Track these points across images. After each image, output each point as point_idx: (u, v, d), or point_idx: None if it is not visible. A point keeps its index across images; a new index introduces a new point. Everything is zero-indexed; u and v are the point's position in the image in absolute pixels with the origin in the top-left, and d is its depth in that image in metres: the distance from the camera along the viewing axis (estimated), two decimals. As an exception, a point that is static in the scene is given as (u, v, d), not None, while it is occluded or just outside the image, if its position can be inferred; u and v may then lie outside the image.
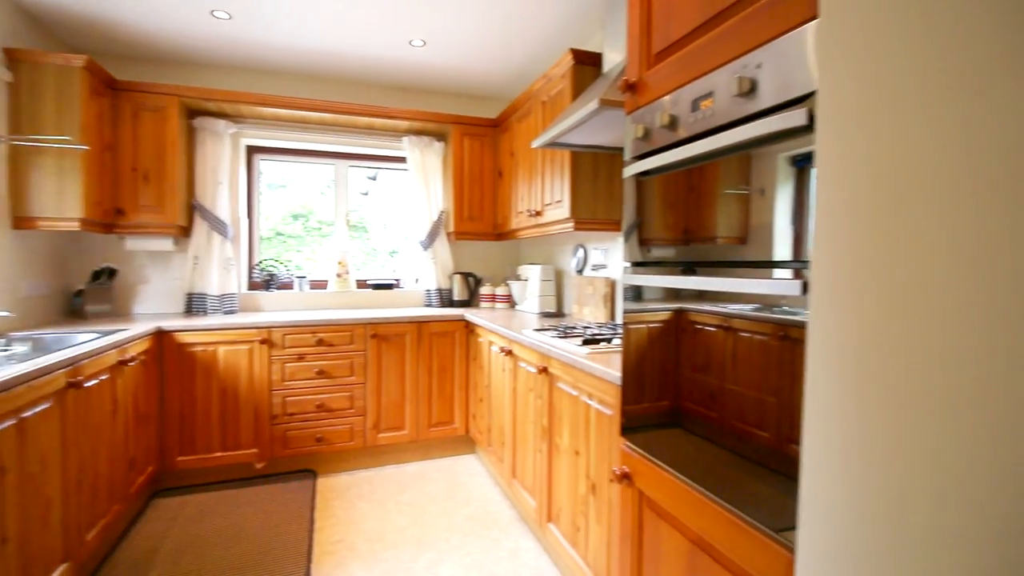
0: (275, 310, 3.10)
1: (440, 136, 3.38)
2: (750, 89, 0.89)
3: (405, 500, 2.43)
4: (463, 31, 2.59)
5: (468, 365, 2.96)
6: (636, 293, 1.26)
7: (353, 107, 2.98)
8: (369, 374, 2.76)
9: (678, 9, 1.11)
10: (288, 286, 3.22)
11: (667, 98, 1.13)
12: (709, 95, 1.00)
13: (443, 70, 3.10)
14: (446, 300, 3.32)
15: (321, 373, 2.67)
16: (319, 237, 3.46)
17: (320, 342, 2.67)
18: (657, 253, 1.20)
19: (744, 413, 0.92)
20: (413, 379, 2.85)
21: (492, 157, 3.29)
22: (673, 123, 1.11)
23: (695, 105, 1.04)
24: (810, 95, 0.75)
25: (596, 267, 2.63)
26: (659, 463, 1.15)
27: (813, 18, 0.75)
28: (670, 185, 1.14)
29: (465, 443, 3.04)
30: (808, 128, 0.76)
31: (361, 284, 3.39)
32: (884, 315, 0.59)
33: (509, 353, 2.27)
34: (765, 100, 0.86)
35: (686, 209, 1.10)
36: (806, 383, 0.70)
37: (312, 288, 3.27)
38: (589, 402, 1.58)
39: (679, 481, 1.08)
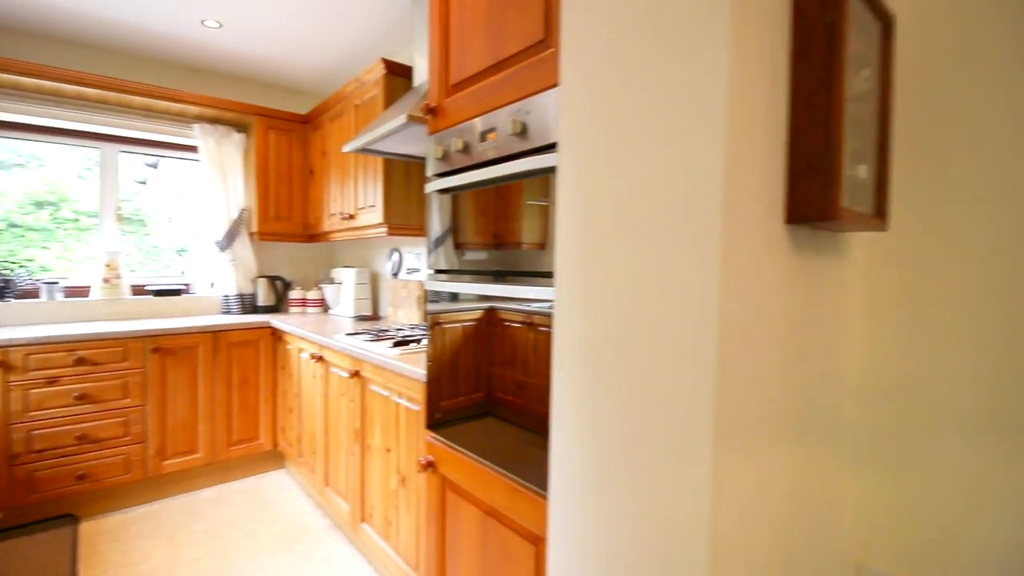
0: (14, 324, 2.49)
1: (241, 127, 3.10)
2: (522, 131, 1.08)
3: (200, 529, 2.20)
4: (263, 20, 2.44)
5: (276, 375, 2.79)
6: (453, 295, 1.38)
7: (125, 84, 2.56)
8: (150, 394, 2.42)
9: (470, 49, 1.27)
10: (33, 294, 2.61)
11: (463, 125, 1.28)
12: (493, 130, 1.18)
13: (245, 57, 2.86)
14: (249, 306, 3.06)
15: (84, 398, 2.25)
16: (76, 231, 2.87)
17: (81, 361, 2.24)
18: (472, 257, 1.33)
19: (543, 397, 1.07)
20: (208, 395, 2.58)
21: (302, 154, 3.14)
22: (467, 148, 1.26)
23: (483, 136, 1.21)
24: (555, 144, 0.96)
25: (411, 271, 2.72)
26: (459, 449, 1.30)
27: (556, 85, 0.96)
28: (481, 195, 1.27)
29: (273, 458, 2.85)
30: (554, 169, 0.96)
31: (138, 290, 2.92)
32: (595, 318, 0.80)
33: (320, 359, 2.22)
34: (533, 141, 1.06)
35: (496, 217, 1.23)
36: (552, 368, 0.90)
37: (69, 296, 2.70)
38: (399, 401, 1.67)
39: (474, 462, 1.24)
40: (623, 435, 0.76)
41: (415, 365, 1.57)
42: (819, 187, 0.72)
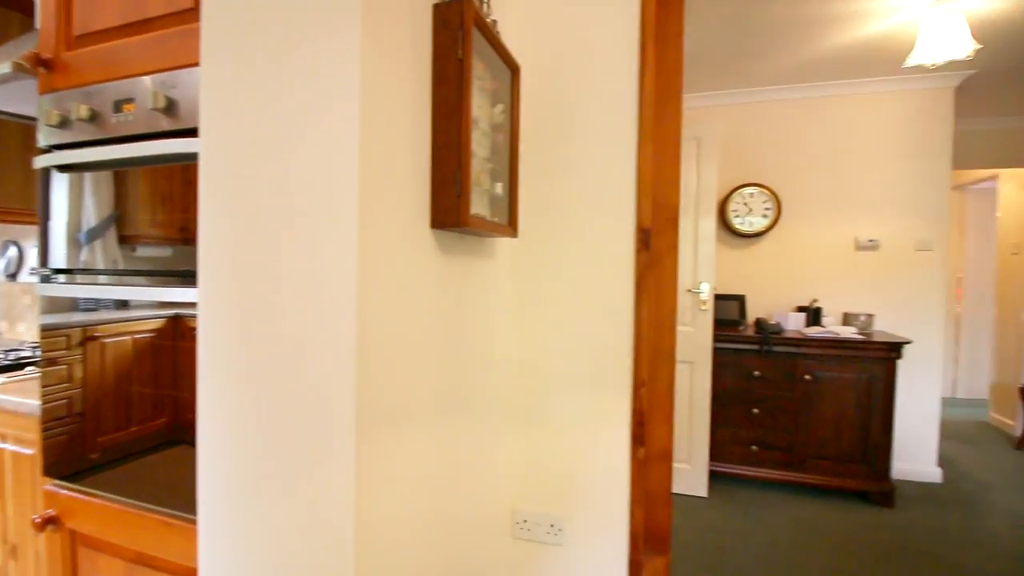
0: None
1: None
2: (167, 106, 0.93)
3: None
4: None
5: None
6: (122, 302, 1.08)
7: None
8: None
9: (99, -2, 1.03)
10: None
11: (91, 89, 1.03)
12: (131, 100, 0.98)
13: None
14: None
15: None
16: None
17: None
18: (147, 253, 1.05)
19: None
20: None
21: None
22: (96, 118, 1.02)
23: (118, 106, 1.00)
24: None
25: (34, 271, 2.06)
26: (96, 493, 1.04)
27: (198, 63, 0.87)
28: (161, 178, 1.01)
29: None
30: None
31: None
32: (235, 318, 0.76)
33: None
34: (184, 120, 0.93)
35: (184, 205, 1.00)
36: (197, 376, 0.81)
37: None
38: (3, 446, 1.24)
39: (116, 505, 1.02)
40: (267, 439, 0.74)
41: (26, 396, 1.20)
42: (454, 197, 0.85)
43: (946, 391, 5.02)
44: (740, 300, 3.19)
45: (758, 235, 3.24)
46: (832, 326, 2.94)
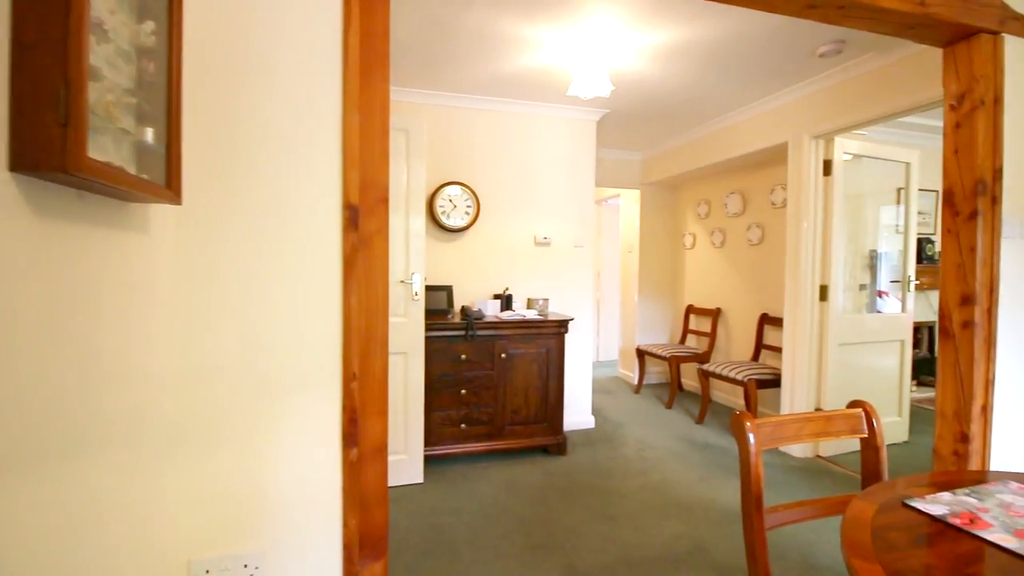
0: None
1: None
2: None
3: None
4: None
5: None
6: None
7: None
8: None
9: None
10: None
11: None
12: None
13: None
14: None
15: None
16: None
17: None
18: None
19: None
20: None
21: None
22: None
23: None
24: None
25: None
26: None
27: None
28: None
29: None
30: None
31: None
32: None
33: None
34: None
35: None
36: None
37: None
38: None
39: None
40: None
41: None
42: (55, 126, 0.56)
43: (592, 356, 6.55)
44: (448, 290, 3.39)
45: (462, 230, 3.51)
46: (520, 310, 3.41)
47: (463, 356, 3.04)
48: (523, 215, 3.69)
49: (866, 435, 1.34)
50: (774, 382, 3.57)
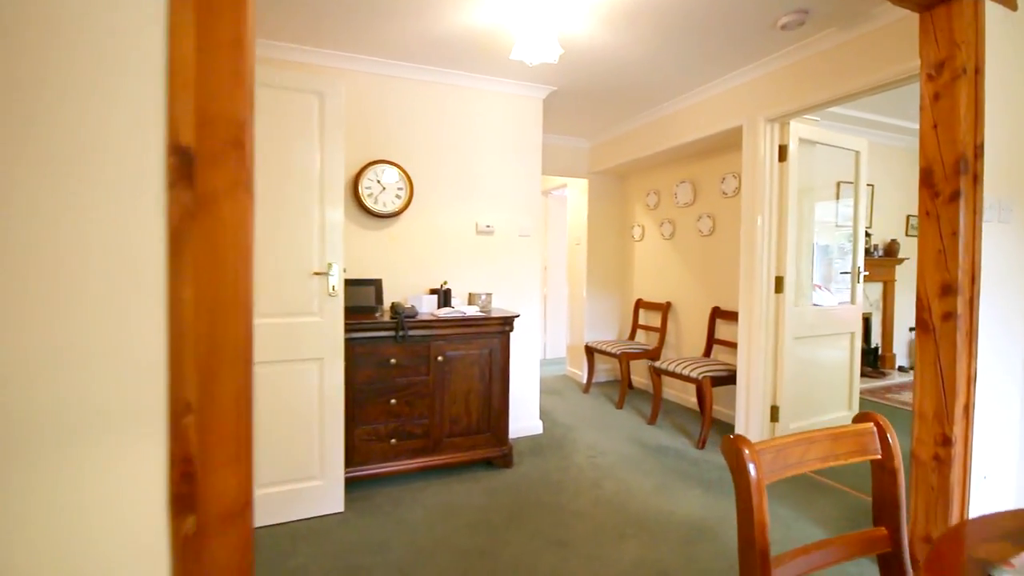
0: None
1: None
2: None
3: None
4: None
5: None
6: None
7: None
8: None
9: None
10: None
11: None
12: None
13: None
14: None
15: None
16: None
17: None
18: None
19: None
20: None
21: None
22: None
23: None
24: None
25: None
26: None
27: None
28: None
29: None
30: None
31: None
32: None
33: None
34: None
35: None
36: None
37: None
38: None
39: None
40: None
41: None
42: None
43: (540, 354, 6.27)
44: (376, 284, 2.96)
45: (393, 216, 3.08)
46: (461, 306, 3.04)
47: (393, 360, 2.63)
48: (463, 201, 3.31)
49: (879, 456, 1.09)
50: (729, 379, 3.40)
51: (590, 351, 4.66)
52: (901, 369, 5.56)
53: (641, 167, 4.67)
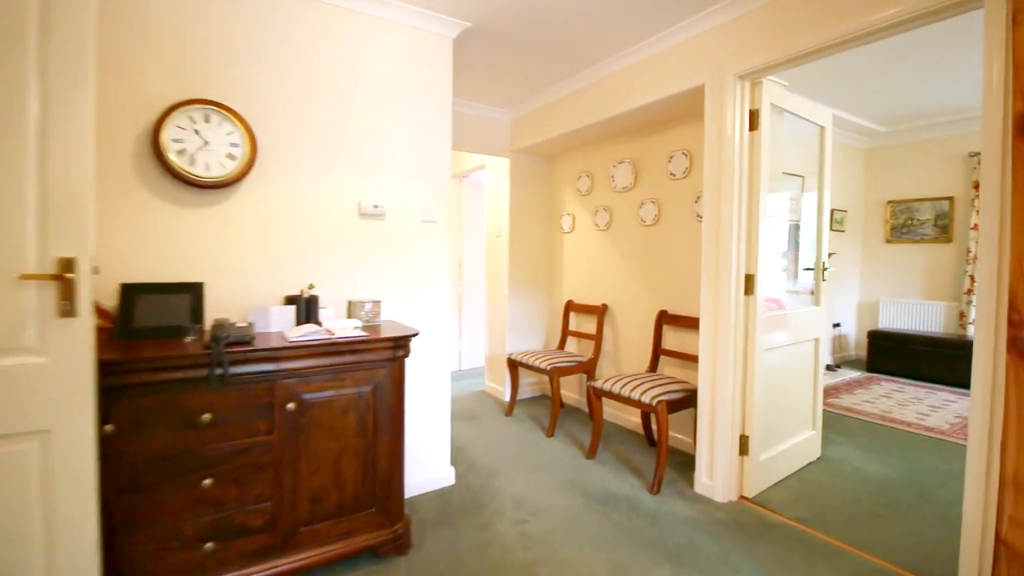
0: None
1: None
2: None
3: None
4: None
5: None
6: None
7: None
8: None
9: None
10: None
11: None
12: None
13: None
14: None
15: None
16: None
17: None
18: None
19: None
20: None
21: None
22: None
23: None
24: None
25: None
26: None
27: None
28: None
29: None
30: None
31: None
32: None
33: None
34: None
35: None
36: None
37: None
38: None
39: None
40: None
41: None
42: None
43: (455, 366, 5.38)
44: (194, 292, 1.92)
45: (223, 186, 2.04)
46: (332, 321, 2.08)
47: (206, 416, 1.63)
48: (339, 170, 2.34)
49: None
50: (686, 401, 2.74)
51: (513, 365, 3.86)
52: (829, 368, 5.36)
53: (572, 144, 3.93)
